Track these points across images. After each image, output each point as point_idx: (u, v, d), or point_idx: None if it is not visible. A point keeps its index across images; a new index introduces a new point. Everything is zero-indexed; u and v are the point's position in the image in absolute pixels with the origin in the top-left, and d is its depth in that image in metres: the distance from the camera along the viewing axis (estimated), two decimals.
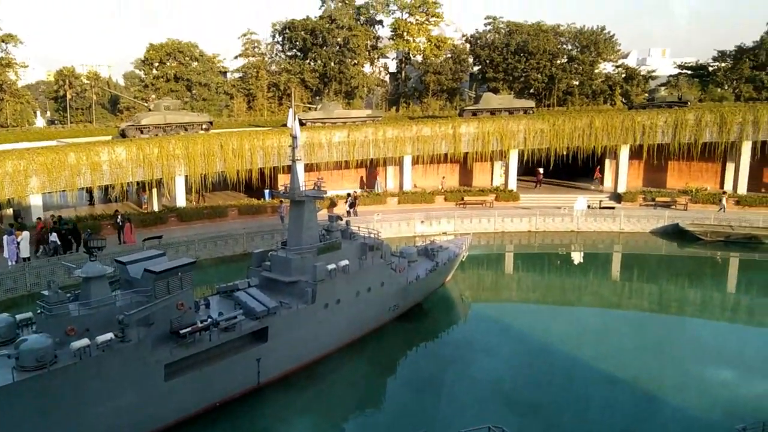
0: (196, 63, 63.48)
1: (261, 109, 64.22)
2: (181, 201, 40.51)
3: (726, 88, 65.82)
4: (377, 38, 71.22)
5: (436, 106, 65.20)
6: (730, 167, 46.25)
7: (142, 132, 40.93)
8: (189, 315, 18.93)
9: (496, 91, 60.16)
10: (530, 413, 19.48)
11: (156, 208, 41.58)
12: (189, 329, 18.27)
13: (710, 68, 70.13)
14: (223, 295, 22.29)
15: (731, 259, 37.87)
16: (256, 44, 67.75)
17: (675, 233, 40.47)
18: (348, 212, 40.46)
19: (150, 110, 42.69)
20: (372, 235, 26.16)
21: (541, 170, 50.38)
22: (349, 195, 42.25)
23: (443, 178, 50.40)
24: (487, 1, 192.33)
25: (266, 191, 45.01)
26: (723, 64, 68.12)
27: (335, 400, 21.02)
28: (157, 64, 62.23)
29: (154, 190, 42.06)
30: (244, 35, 67.02)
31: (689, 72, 70.97)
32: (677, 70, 72.31)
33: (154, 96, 55.33)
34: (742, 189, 44.62)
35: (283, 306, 21.36)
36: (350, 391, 21.59)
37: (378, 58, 72.71)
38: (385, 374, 23.27)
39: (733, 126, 43.58)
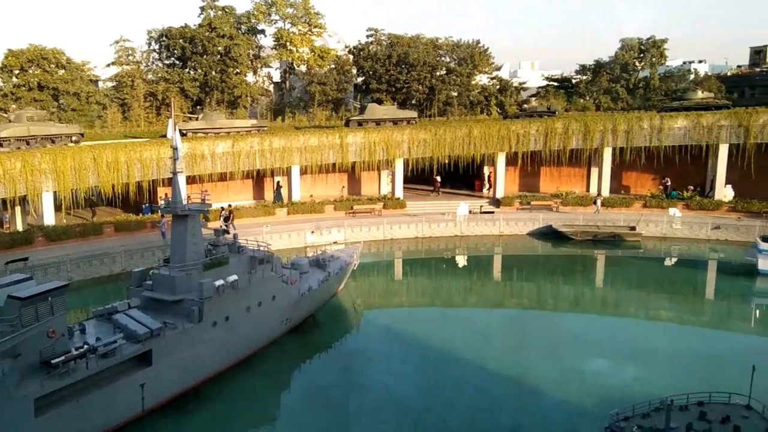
0: (63, 71, 59.02)
1: (137, 120, 60.91)
2: (49, 219, 37.45)
3: (588, 98, 71.58)
4: (260, 48, 70.20)
5: (323, 116, 65.30)
6: (594, 171, 50.27)
7: (1, 145, 37.38)
8: (62, 342, 17.52)
9: (380, 101, 61.31)
10: (422, 418, 19.96)
11: (20, 227, 38.13)
12: (62, 358, 16.90)
13: (573, 80, 76.04)
14: (100, 318, 20.87)
15: (598, 256, 41.12)
16: (130, 52, 64.26)
17: (549, 234, 43.29)
18: (223, 226, 39.01)
19: (11, 121, 39.11)
20: (261, 248, 25.66)
21: (438, 178, 52.12)
22: (223, 209, 40.37)
23: (343, 187, 50.84)
24: (368, 13, 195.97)
25: (144, 206, 42.75)
26: (584, 77, 74.16)
27: (228, 420, 20.32)
28: (17, 72, 57.16)
29: (18, 208, 38.54)
30: (117, 42, 63.39)
31: (556, 84, 76.42)
32: (545, 82, 77.65)
33: (14, 106, 50.71)
34: (605, 191, 48.64)
35: (167, 326, 20.37)
36: (243, 409, 20.98)
37: (261, 67, 71.64)
38: (279, 389, 22.90)
39: (595, 134, 47.46)
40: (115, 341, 18.55)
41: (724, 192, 45.30)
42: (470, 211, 45.40)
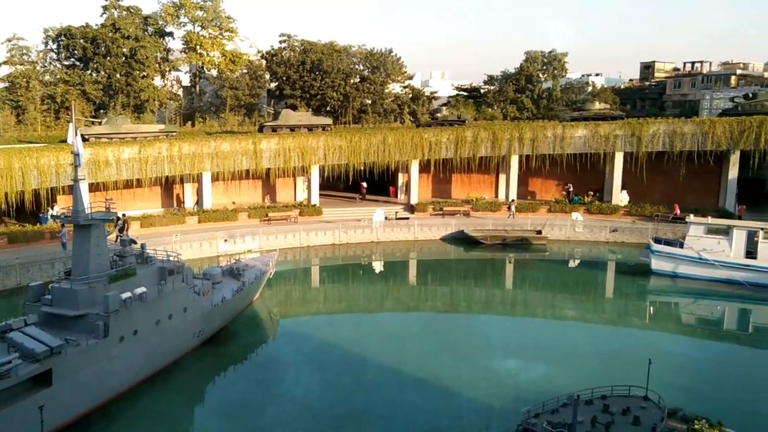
0: None
1: (33, 124, 57.02)
2: None
3: (495, 108, 74.40)
4: (168, 50, 67.73)
5: (235, 121, 63.89)
6: (502, 178, 52.26)
7: None
8: None
9: (294, 107, 60.84)
10: (340, 426, 19.93)
11: None
12: None
13: (482, 90, 78.81)
14: None
15: (508, 259, 42.74)
16: (24, 51, 60.13)
17: (461, 239, 44.54)
18: (118, 237, 36.50)
19: None
20: (171, 258, 24.73)
21: (364, 184, 52.26)
22: (118, 218, 37.46)
23: (267, 195, 50.06)
24: (281, 19, 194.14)
25: (42, 215, 40.05)
26: (492, 87, 77.09)
27: None
28: None
29: None
30: (10, 40, 59.12)
31: (465, 94, 78.90)
32: (455, 92, 79.96)
33: None
34: (513, 197, 50.67)
35: (69, 344, 19.17)
36: (154, 427, 20.09)
37: (170, 71, 69.17)
38: (192, 404, 22.11)
39: (503, 142, 49.37)
40: (9, 362, 17.24)
41: (620, 197, 48.40)
42: (386, 218, 45.92)
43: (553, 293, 36.51)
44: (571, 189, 50.65)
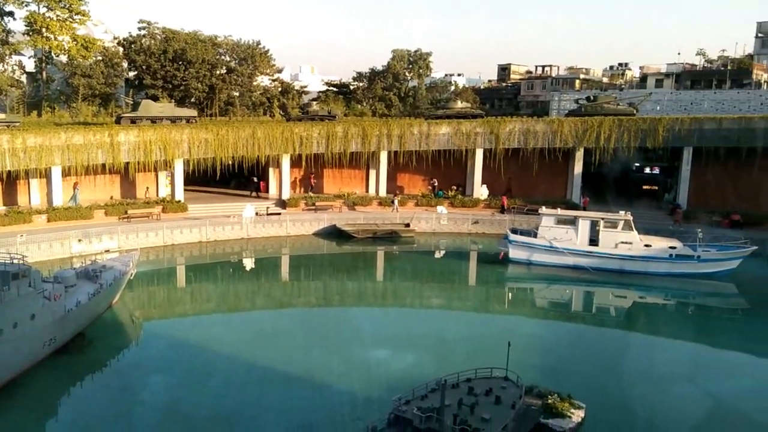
0: None
1: None
2: None
3: (365, 104, 75.62)
4: (8, 32, 61.14)
5: (89, 112, 59.12)
6: (372, 173, 53.26)
7: None
8: None
9: (155, 98, 57.60)
10: (209, 430, 19.33)
11: None
12: None
13: (351, 87, 79.71)
14: None
15: (378, 252, 43.71)
16: None
17: (333, 233, 44.85)
18: None
19: None
20: (15, 261, 22.47)
21: (255, 179, 50.71)
22: None
23: (146, 188, 47.06)
24: (140, 4, 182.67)
25: None
26: (361, 84, 78.22)
27: None
28: None
29: None
30: None
31: (335, 89, 79.37)
32: (325, 87, 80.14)
33: None
34: (383, 192, 51.86)
35: None
36: None
37: (10, 54, 62.49)
38: (45, 419, 20.29)
39: (372, 138, 50.30)
40: None
41: (481, 191, 51.32)
42: (257, 213, 44.99)
43: (421, 283, 37.96)
44: (436, 184, 52.83)
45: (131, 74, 66.33)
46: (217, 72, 66.50)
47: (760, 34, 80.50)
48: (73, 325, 24.94)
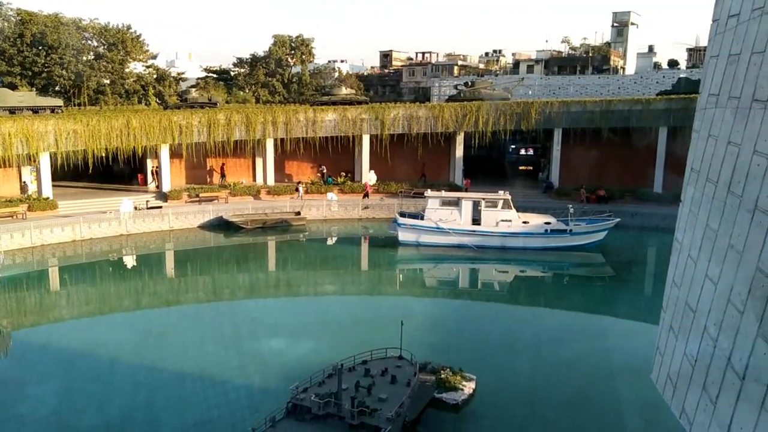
0: None
1: None
2: None
3: (247, 91, 73.68)
4: None
5: None
6: (259, 162, 52.19)
7: None
8: None
9: (13, 86, 52.58)
10: None
11: None
12: None
13: (232, 73, 77.36)
14: None
15: (269, 242, 43.07)
16: None
17: (220, 225, 43.55)
18: None
19: None
20: None
21: (150, 169, 48.59)
22: None
23: (23, 183, 42.52)
24: None
25: None
26: (242, 70, 76.11)
27: None
28: None
29: None
30: None
31: (215, 75, 76.63)
32: (204, 73, 77.14)
33: None
34: (271, 180, 51.01)
35: None
36: None
37: None
38: None
39: (257, 125, 49.19)
40: None
41: (369, 176, 51.96)
42: (135, 208, 42.62)
43: (314, 271, 37.98)
44: (325, 170, 52.77)
45: None
46: (84, 58, 61.86)
47: (615, 24, 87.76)
48: None
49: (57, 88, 60.22)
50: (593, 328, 28.94)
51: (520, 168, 60.13)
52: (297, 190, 49.06)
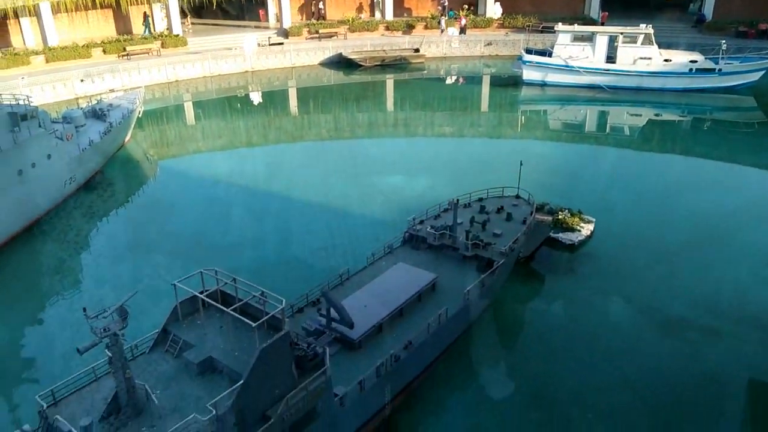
0: None
1: None
2: None
3: None
4: None
5: None
6: None
7: None
8: None
9: None
10: (234, 254, 20.23)
11: None
12: None
13: None
14: None
15: (387, 81, 42.55)
16: None
17: (339, 62, 43.38)
18: None
19: None
20: (21, 102, 22.16)
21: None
22: None
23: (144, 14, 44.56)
24: None
25: None
26: None
27: (14, 295, 18.70)
28: None
29: None
30: None
31: None
32: None
33: None
34: (389, 15, 48.99)
35: None
36: (37, 279, 19.43)
37: None
38: (76, 251, 21.34)
39: None
40: None
41: (494, 9, 48.35)
42: (258, 44, 43.26)
43: (432, 110, 37.40)
44: (446, 4, 49.72)
45: None
46: None
47: None
48: (90, 163, 25.28)
49: None
50: (732, 179, 26.65)
51: None
52: (439, 23, 46.68)
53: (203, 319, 10.76)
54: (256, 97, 40.47)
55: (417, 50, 43.82)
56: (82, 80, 36.64)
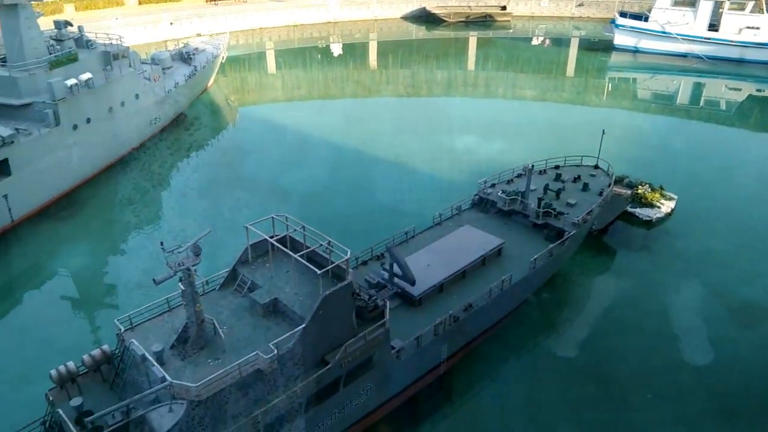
0: None
1: None
2: None
3: None
4: None
5: None
6: None
7: None
8: None
9: None
10: (309, 202, 20.55)
11: None
12: None
13: None
14: None
15: (471, 38, 41.39)
16: None
17: (422, 17, 42.51)
18: None
19: None
20: (114, 42, 23.10)
21: None
22: None
23: None
24: None
25: None
26: None
27: (100, 225, 19.88)
28: None
29: None
30: None
31: None
32: None
33: None
34: None
35: (20, 133, 18.58)
36: (122, 211, 20.56)
37: None
38: (159, 188, 22.35)
39: None
40: None
41: None
42: None
43: (515, 72, 36.22)
44: None
45: None
46: None
47: None
48: (174, 105, 26.19)
49: None
50: None
51: None
52: None
53: (271, 262, 11.12)
54: (336, 49, 40.43)
55: (504, 8, 42.32)
56: (171, 23, 37.67)
